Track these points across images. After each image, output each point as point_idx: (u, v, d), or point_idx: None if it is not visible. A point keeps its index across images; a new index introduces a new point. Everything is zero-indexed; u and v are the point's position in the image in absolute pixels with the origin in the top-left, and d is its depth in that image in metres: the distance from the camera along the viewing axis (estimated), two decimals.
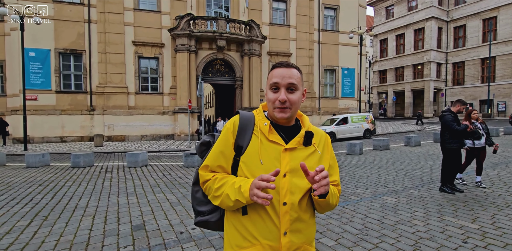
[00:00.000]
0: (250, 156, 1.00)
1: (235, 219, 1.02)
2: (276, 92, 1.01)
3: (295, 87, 1.02)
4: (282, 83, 1.00)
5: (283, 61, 1.06)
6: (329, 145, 1.12)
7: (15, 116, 14.27)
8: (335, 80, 20.76)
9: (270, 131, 1.03)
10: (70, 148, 12.50)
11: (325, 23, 20.46)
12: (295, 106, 1.03)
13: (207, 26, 15.79)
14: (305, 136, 1.04)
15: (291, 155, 1.00)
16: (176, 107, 15.86)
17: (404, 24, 31.78)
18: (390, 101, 33.88)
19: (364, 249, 2.78)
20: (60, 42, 14.72)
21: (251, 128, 1.05)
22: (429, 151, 9.59)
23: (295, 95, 1.02)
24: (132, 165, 7.93)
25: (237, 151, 1.03)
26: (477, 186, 5.00)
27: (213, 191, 1.02)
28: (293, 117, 1.07)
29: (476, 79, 27.93)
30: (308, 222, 1.03)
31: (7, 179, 6.48)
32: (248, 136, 1.03)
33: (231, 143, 1.04)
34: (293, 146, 1.02)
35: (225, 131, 1.07)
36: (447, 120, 4.66)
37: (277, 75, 1.01)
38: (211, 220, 1.13)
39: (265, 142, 1.01)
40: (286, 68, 1.02)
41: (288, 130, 1.07)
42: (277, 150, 1.00)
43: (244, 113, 1.10)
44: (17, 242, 3.05)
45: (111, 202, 4.57)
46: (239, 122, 1.06)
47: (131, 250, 2.83)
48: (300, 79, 1.05)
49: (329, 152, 1.11)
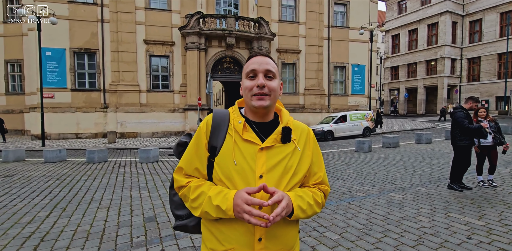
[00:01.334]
0: (224, 156, 0.94)
1: (210, 223, 0.98)
2: (253, 80, 0.96)
3: (273, 75, 0.97)
4: (260, 70, 0.95)
5: (259, 51, 1.05)
6: (310, 140, 1.05)
7: (33, 113, 14.82)
8: (345, 77, 20.55)
9: (245, 129, 0.97)
10: (85, 144, 12.93)
11: (335, 19, 20.22)
12: (274, 95, 0.97)
13: (216, 24, 15.90)
14: (282, 132, 0.97)
15: (267, 154, 0.94)
16: (186, 105, 16.10)
17: (417, 19, 31.01)
18: (402, 98, 33.27)
19: (367, 243, 2.85)
20: (75, 41, 15.15)
21: (225, 126, 0.99)
22: (440, 149, 9.46)
23: (274, 82, 0.97)
24: (144, 160, 8.17)
25: (211, 151, 0.98)
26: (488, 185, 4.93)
27: (189, 201, 0.96)
28: (272, 108, 1.00)
29: (493, 75, 27.07)
30: (286, 227, 0.96)
31: (27, 173, 6.81)
32: (222, 135, 0.98)
33: (204, 143, 0.99)
34: (270, 144, 0.95)
35: (197, 131, 1.02)
36: (458, 117, 4.62)
37: (254, 62, 0.97)
38: (189, 224, 1.09)
39: (239, 141, 0.95)
40: (263, 57, 0.99)
41: (266, 127, 1.00)
42: (252, 149, 0.94)
43: (217, 112, 1.05)
44: (38, 231, 3.26)
45: (124, 195, 4.78)
46: (212, 121, 1.00)
47: (143, 240, 2.99)
48: (277, 70, 1.00)
49: (311, 147, 1.04)
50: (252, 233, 0.92)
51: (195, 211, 0.95)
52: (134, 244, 2.89)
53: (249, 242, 0.92)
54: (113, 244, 2.91)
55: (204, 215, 0.93)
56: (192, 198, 0.94)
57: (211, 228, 0.97)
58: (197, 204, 0.93)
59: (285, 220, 0.95)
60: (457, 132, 4.68)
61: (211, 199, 0.89)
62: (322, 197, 1.03)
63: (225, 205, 0.86)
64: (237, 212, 0.85)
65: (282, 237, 0.96)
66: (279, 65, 18.48)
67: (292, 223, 0.99)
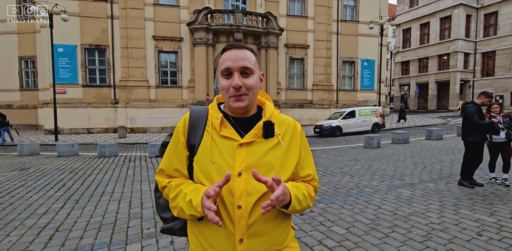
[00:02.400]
0: (202, 155, 0.90)
1: (193, 225, 0.95)
2: (229, 79, 0.89)
3: (250, 71, 0.89)
4: (235, 67, 0.88)
5: (233, 43, 0.93)
6: (297, 134, 0.98)
7: (46, 109, 15.19)
8: (354, 72, 20.28)
9: (223, 125, 0.92)
10: (96, 139, 13.20)
11: (344, 14, 19.89)
12: (253, 92, 0.90)
13: (224, 20, 15.85)
14: (264, 127, 0.91)
15: (247, 151, 0.89)
16: (195, 100, 16.21)
17: (430, 12, 30.21)
18: (413, 93, 32.65)
19: (375, 238, 2.85)
20: (85, 38, 15.37)
21: (202, 124, 0.94)
22: (451, 145, 9.29)
23: (251, 80, 0.89)
24: (154, 155, 8.30)
25: (190, 150, 0.94)
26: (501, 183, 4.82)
27: (170, 201, 0.93)
28: (252, 105, 0.95)
29: (508, 69, 26.26)
30: (272, 224, 0.90)
31: (42, 166, 7.02)
32: (199, 133, 0.93)
33: (181, 142, 0.95)
34: (249, 139, 0.89)
35: (175, 130, 0.98)
36: (469, 112, 4.54)
37: (228, 59, 0.89)
38: (175, 227, 1.04)
39: (217, 138, 0.91)
40: (238, 50, 0.90)
41: (247, 122, 0.94)
42: (231, 146, 0.89)
43: (195, 109, 0.99)
44: (53, 222, 3.38)
45: (134, 188, 4.88)
46: (189, 119, 0.96)
47: (153, 232, 3.07)
48: (255, 62, 0.92)
49: (298, 142, 0.97)
50: (232, 234, 0.86)
51: (174, 211, 0.91)
52: (144, 235, 2.97)
53: (230, 244, 0.86)
54: (124, 235, 2.99)
55: (181, 214, 0.89)
56: (171, 197, 0.92)
57: (195, 231, 0.94)
58: (175, 203, 0.90)
59: (270, 216, 0.89)
60: (468, 128, 4.60)
61: (186, 195, 0.86)
62: (313, 191, 1.00)
63: (195, 200, 0.83)
64: (202, 207, 0.79)
65: (267, 235, 0.89)
66: (287, 60, 18.36)
67: (278, 219, 0.92)
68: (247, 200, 0.85)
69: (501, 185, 4.71)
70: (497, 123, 4.47)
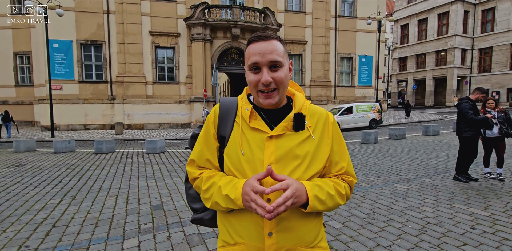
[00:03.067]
0: (232, 146, 0.90)
1: (223, 216, 0.95)
2: (257, 73, 0.86)
3: (279, 64, 0.86)
4: (263, 62, 0.84)
5: (259, 33, 0.88)
6: (330, 126, 0.95)
7: (42, 105, 15.08)
8: (352, 68, 20.26)
9: (252, 116, 0.91)
10: (93, 135, 13.15)
11: (342, 9, 19.78)
12: (283, 86, 0.88)
13: (221, 15, 15.72)
14: (294, 119, 0.89)
15: (277, 143, 0.87)
16: (192, 96, 16.15)
17: (427, 8, 30.14)
18: (410, 89, 32.72)
19: (371, 232, 2.88)
20: (81, 33, 15.19)
21: (232, 115, 0.94)
22: (447, 140, 9.35)
23: (281, 73, 0.86)
24: (151, 151, 8.29)
25: (220, 142, 0.95)
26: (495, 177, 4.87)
27: (202, 193, 0.94)
28: (283, 99, 0.93)
29: (505, 66, 26.35)
30: (301, 220, 0.88)
31: (38, 163, 6.99)
32: (229, 124, 0.93)
33: (212, 133, 0.96)
34: (279, 132, 0.88)
35: (206, 121, 0.99)
36: (463, 108, 4.57)
37: (256, 53, 0.85)
38: (205, 217, 1.06)
39: (246, 130, 0.90)
40: (265, 42, 0.86)
41: (277, 114, 0.92)
42: (260, 138, 0.88)
43: (224, 100, 0.99)
44: (50, 218, 3.38)
45: (132, 184, 4.89)
46: (219, 110, 0.96)
47: (150, 227, 3.08)
48: (284, 52, 0.88)
49: (331, 135, 0.94)
50: (261, 227, 0.85)
51: (207, 202, 0.92)
52: (141, 231, 2.98)
53: (259, 237, 0.86)
54: (122, 230, 3.00)
55: (215, 206, 0.89)
56: (204, 189, 0.92)
57: (224, 221, 0.95)
58: (209, 195, 0.90)
59: (300, 212, 0.87)
60: (462, 123, 4.64)
61: (221, 188, 0.86)
62: (346, 188, 0.93)
63: (233, 194, 0.82)
64: (245, 201, 0.80)
65: (296, 230, 0.87)
66: None
67: (309, 215, 0.89)
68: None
69: (496, 179, 4.76)
70: (491, 119, 4.48)
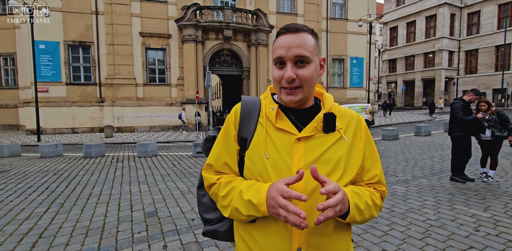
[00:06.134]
0: (255, 149, 0.81)
1: (242, 228, 0.85)
2: (281, 69, 0.79)
3: (306, 60, 0.77)
4: (288, 56, 0.77)
5: (289, 25, 0.80)
6: (362, 129, 0.87)
7: (27, 108, 14.57)
8: (344, 70, 20.42)
9: (278, 116, 0.82)
10: (81, 139, 12.77)
11: (334, 11, 19.96)
12: (309, 85, 0.80)
13: (213, 16, 15.59)
14: (324, 119, 0.80)
15: (306, 146, 0.78)
16: (184, 98, 15.92)
17: (416, 11, 30.78)
18: (400, 91, 33.26)
19: (374, 237, 2.80)
20: (69, 34, 14.78)
21: (255, 115, 0.86)
22: (439, 141, 9.45)
23: (307, 70, 0.78)
24: (142, 155, 8.07)
25: (241, 144, 0.86)
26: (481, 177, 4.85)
27: (219, 199, 0.84)
28: (308, 98, 0.84)
29: (490, 67, 27.08)
30: (332, 235, 0.79)
31: (23, 168, 6.69)
32: (252, 125, 0.85)
33: (232, 135, 0.87)
34: (309, 133, 0.79)
35: (226, 122, 0.91)
36: (454, 108, 4.61)
37: (281, 46, 0.77)
38: (220, 229, 0.94)
39: (271, 131, 0.81)
40: (293, 34, 0.78)
41: (304, 114, 0.84)
42: (288, 140, 0.79)
43: (246, 99, 0.91)
44: (36, 228, 3.17)
45: (123, 190, 4.69)
46: (241, 110, 0.88)
47: (145, 236, 2.92)
48: (314, 47, 0.80)
49: (363, 138, 0.86)
50: (288, 242, 0.75)
51: (225, 211, 0.81)
52: (135, 240, 2.82)
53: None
54: (114, 240, 2.83)
55: (235, 213, 0.78)
56: (222, 195, 0.82)
57: (243, 234, 0.84)
58: (227, 202, 0.80)
59: (333, 224, 0.78)
60: (454, 123, 4.68)
61: (242, 193, 0.76)
62: (379, 198, 0.84)
63: (257, 198, 0.72)
64: (272, 207, 0.69)
65: (327, 247, 0.78)
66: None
67: (341, 228, 0.81)
68: (307, 204, 0.74)
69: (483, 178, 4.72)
70: (482, 121, 4.47)
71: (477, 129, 4.62)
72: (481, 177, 4.86)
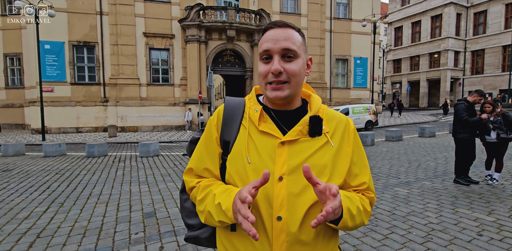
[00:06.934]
0: (237, 153, 0.78)
1: (223, 236, 0.81)
2: (268, 63, 0.75)
3: (293, 54, 0.75)
4: (275, 49, 0.73)
5: (276, 20, 0.78)
6: (350, 133, 0.83)
7: (33, 107, 14.71)
8: (347, 70, 20.29)
9: (262, 118, 0.78)
10: (85, 138, 12.85)
11: (337, 11, 19.84)
12: (296, 80, 0.75)
13: (216, 16, 15.60)
14: (310, 123, 0.77)
15: (290, 150, 0.74)
16: (187, 99, 15.95)
17: (421, 11, 30.48)
18: (404, 91, 32.96)
19: (374, 240, 2.75)
20: (74, 34, 14.90)
21: (239, 117, 0.82)
22: (444, 142, 9.32)
23: (295, 64, 0.75)
24: (144, 154, 8.08)
25: (224, 148, 0.82)
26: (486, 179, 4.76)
27: (197, 204, 0.81)
28: (295, 96, 0.80)
29: (497, 68, 26.70)
30: (316, 244, 0.74)
31: (26, 167, 6.74)
32: (235, 127, 0.81)
33: (214, 138, 0.83)
34: (293, 137, 0.75)
35: (208, 124, 0.87)
36: (458, 109, 4.53)
37: (268, 39, 0.75)
38: (202, 236, 0.91)
39: (254, 134, 0.77)
40: (281, 29, 0.75)
41: (290, 116, 0.80)
42: (271, 144, 0.75)
43: (230, 100, 0.87)
44: (35, 227, 3.18)
45: (123, 190, 4.69)
46: (224, 111, 0.84)
47: (142, 237, 2.90)
48: (302, 43, 0.77)
49: (351, 143, 0.81)
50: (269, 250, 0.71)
51: (201, 216, 0.78)
52: (132, 241, 2.80)
53: None
54: (111, 240, 2.82)
55: (209, 219, 0.75)
56: (199, 199, 0.79)
57: (224, 241, 0.80)
58: (203, 206, 0.77)
59: (317, 232, 0.73)
60: (458, 125, 4.59)
61: (215, 197, 0.73)
62: (369, 204, 0.81)
63: (225, 203, 0.69)
64: (234, 212, 0.65)
65: None
66: None
67: (326, 235, 0.76)
68: (289, 211, 0.71)
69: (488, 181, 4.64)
70: (487, 123, 4.38)
71: (482, 131, 4.53)
72: (486, 180, 4.77)
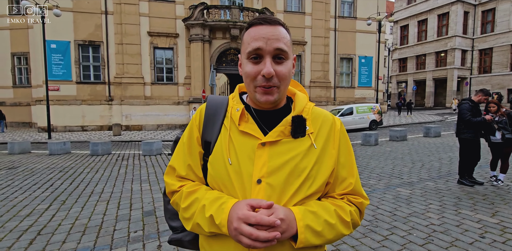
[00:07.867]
0: (218, 154, 0.75)
1: (203, 239, 0.79)
2: (257, 64, 0.71)
3: (284, 56, 0.71)
4: (267, 50, 0.69)
5: (264, 16, 0.72)
6: (337, 134, 0.79)
7: (39, 106, 14.91)
8: (352, 69, 20.14)
9: (243, 118, 0.75)
10: (90, 137, 12.98)
11: (342, 10, 19.68)
12: (285, 83, 0.73)
13: (220, 15, 15.60)
14: (292, 123, 0.73)
15: (270, 152, 0.71)
16: (191, 97, 15.99)
17: (427, 9, 30.06)
18: (410, 90, 32.59)
19: (373, 241, 2.72)
20: (79, 34, 15.05)
21: (220, 117, 0.79)
22: (449, 142, 9.19)
23: (285, 67, 0.71)
24: (147, 153, 8.13)
25: (205, 148, 0.80)
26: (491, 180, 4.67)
27: (181, 211, 0.77)
28: (282, 99, 0.77)
29: (505, 66, 26.23)
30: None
31: (31, 165, 6.83)
32: (216, 127, 0.78)
33: (195, 137, 0.81)
34: (274, 138, 0.72)
35: (190, 123, 0.85)
36: (462, 109, 4.45)
37: (258, 37, 0.69)
38: (185, 239, 0.89)
39: (235, 135, 0.75)
40: (272, 26, 0.70)
41: (273, 116, 0.77)
42: (250, 145, 0.73)
43: (213, 99, 0.84)
44: (36, 224, 3.21)
45: (125, 188, 4.72)
46: (205, 111, 0.81)
47: (140, 235, 2.91)
48: (291, 43, 0.74)
49: (337, 144, 0.78)
50: None
51: (187, 224, 0.75)
52: (131, 239, 2.81)
53: None
54: (110, 238, 2.84)
55: (196, 229, 0.72)
56: (183, 207, 0.75)
57: (205, 245, 0.78)
58: (189, 214, 0.73)
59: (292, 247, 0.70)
60: (461, 125, 4.52)
61: (204, 208, 0.70)
62: (353, 212, 0.75)
63: (219, 218, 0.66)
64: (234, 235, 0.63)
65: None
66: None
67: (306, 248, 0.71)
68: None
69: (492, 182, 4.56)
70: (492, 123, 4.30)
71: (486, 131, 4.45)
72: (491, 181, 4.69)
